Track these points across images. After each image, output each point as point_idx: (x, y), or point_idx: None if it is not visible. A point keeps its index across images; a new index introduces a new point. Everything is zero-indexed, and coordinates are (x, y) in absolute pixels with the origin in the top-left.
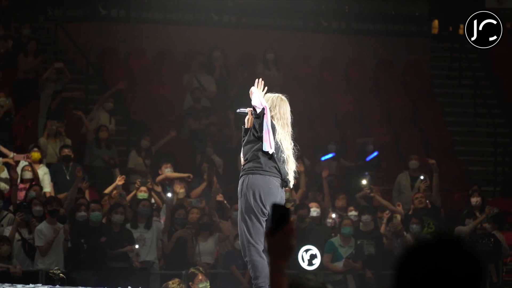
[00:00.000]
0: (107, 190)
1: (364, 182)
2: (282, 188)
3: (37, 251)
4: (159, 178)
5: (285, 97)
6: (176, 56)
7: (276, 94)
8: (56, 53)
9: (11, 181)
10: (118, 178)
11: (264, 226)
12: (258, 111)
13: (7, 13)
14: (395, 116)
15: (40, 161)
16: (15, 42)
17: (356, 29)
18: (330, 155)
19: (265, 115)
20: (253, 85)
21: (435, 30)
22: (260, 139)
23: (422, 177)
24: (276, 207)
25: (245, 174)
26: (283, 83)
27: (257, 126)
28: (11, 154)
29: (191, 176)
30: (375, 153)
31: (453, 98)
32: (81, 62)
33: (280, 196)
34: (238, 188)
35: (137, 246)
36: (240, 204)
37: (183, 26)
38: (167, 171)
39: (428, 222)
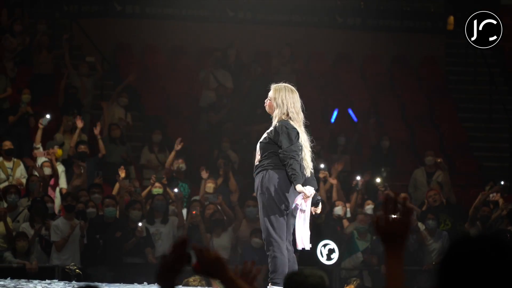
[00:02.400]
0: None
1: (378, 180)
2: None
3: (52, 247)
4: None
5: (292, 85)
6: (190, 53)
7: (283, 86)
8: (71, 49)
9: (40, 176)
10: (119, 170)
11: (287, 220)
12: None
13: (23, 9)
14: (410, 112)
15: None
16: (31, 38)
17: (371, 26)
18: (335, 112)
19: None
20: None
21: (450, 27)
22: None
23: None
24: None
25: (264, 170)
26: (298, 80)
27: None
28: (39, 146)
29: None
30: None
31: (468, 94)
32: (97, 58)
33: (296, 192)
34: (257, 184)
35: (140, 224)
36: (261, 200)
37: (198, 22)
38: (179, 167)
39: (444, 218)
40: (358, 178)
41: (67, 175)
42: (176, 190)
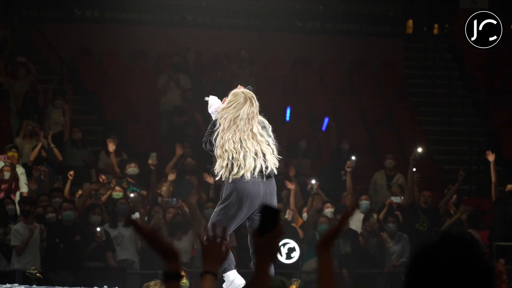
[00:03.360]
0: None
1: (353, 158)
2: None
3: (13, 251)
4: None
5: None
6: (150, 57)
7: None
8: (30, 54)
9: None
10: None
11: None
12: None
13: None
14: (370, 116)
15: (17, 162)
16: None
17: (330, 29)
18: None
19: None
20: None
21: (409, 30)
22: None
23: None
24: (266, 209)
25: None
26: (257, 84)
27: None
28: None
29: None
30: (326, 119)
31: (427, 98)
32: (56, 63)
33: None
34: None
35: (98, 229)
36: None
37: (157, 26)
38: (131, 171)
39: (424, 220)
40: (313, 182)
41: (28, 180)
42: (132, 195)
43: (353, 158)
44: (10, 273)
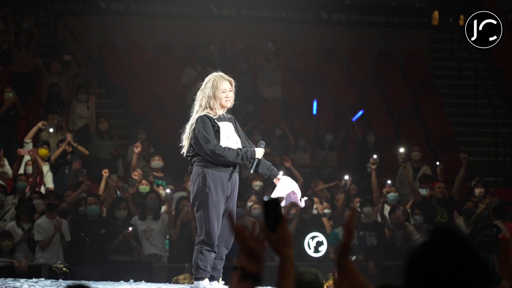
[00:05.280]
0: None
1: (401, 150)
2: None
3: (37, 246)
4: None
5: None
6: (176, 50)
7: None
8: (56, 47)
9: (14, 174)
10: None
11: None
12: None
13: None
14: (396, 108)
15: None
16: (16, 36)
17: (356, 21)
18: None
19: None
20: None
21: (435, 22)
22: None
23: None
24: (269, 202)
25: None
26: (283, 76)
27: None
28: (29, 141)
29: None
30: (361, 112)
31: (453, 89)
32: (82, 56)
33: None
34: (236, 183)
35: (130, 229)
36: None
37: (183, 19)
38: (155, 164)
39: (442, 212)
40: (346, 177)
41: (55, 175)
42: (168, 190)
43: (375, 156)
44: (36, 267)
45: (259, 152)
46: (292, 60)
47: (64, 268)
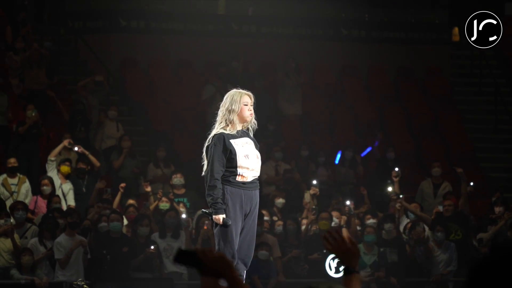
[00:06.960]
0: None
1: (390, 189)
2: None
3: (56, 264)
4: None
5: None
6: (196, 67)
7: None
8: (76, 65)
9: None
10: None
11: None
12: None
13: (28, 26)
14: (416, 124)
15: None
16: (35, 54)
17: (376, 37)
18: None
19: None
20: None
21: (455, 38)
22: None
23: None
24: (178, 258)
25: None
26: (303, 92)
27: None
28: (54, 159)
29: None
30: (369, 149)
31: (473, 105)
32: (102, 73)
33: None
34: (255, 201)
35: (152, 247)
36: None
37: (203, 36)
38: (176, 181)
39: (456, 229)
40: (348, 203)
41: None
42: (184, 216)
43: (397, 169)
44: (57, 285)
45: (218, 218)
46: (312, 76)
47: (85, 286)
